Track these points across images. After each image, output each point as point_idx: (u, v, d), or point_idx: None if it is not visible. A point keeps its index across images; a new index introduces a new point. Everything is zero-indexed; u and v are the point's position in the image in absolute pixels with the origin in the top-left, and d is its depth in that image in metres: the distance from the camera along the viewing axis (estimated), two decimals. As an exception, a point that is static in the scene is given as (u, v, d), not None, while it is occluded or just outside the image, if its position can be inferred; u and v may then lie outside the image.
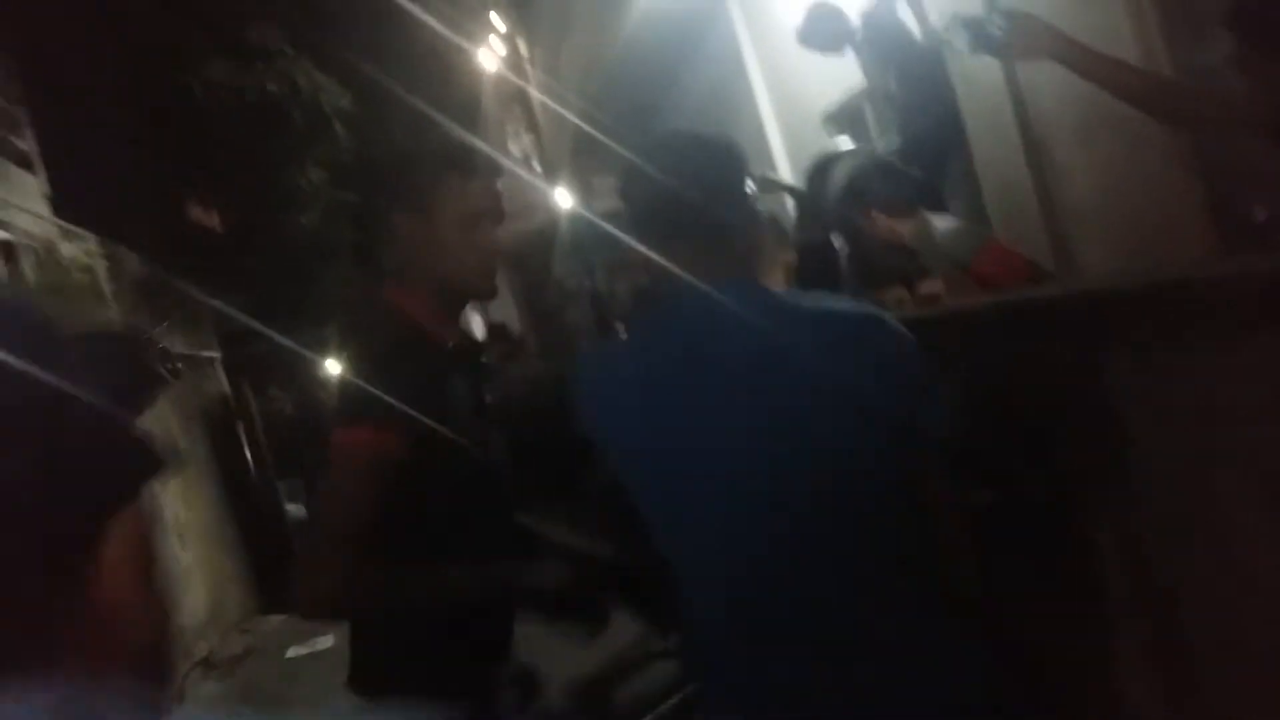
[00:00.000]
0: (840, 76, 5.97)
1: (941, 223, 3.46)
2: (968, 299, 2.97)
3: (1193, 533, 2.15)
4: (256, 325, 9.21)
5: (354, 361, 1.95)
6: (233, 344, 10.07)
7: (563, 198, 11.72)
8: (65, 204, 6.87)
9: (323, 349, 11.16)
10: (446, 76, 11.42)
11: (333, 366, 10.15)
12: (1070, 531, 2.29)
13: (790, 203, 5.51)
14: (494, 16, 10.46)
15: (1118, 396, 2.28)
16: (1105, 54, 2.32)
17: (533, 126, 16.05)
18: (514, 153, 17.21)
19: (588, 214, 11.68)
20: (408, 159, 2.05)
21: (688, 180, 1.61)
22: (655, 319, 1.69)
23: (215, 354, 9.62)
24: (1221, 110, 2.23)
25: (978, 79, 4.71)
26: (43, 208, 6.72)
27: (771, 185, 5.46)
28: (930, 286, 3.24)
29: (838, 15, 4.96)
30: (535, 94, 11.49)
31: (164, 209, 8.26)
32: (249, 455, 11.46)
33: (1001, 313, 2.53)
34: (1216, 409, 2.00)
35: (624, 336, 9.28)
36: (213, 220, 9.45)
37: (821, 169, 3.85)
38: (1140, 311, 2.17)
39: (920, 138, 4.91)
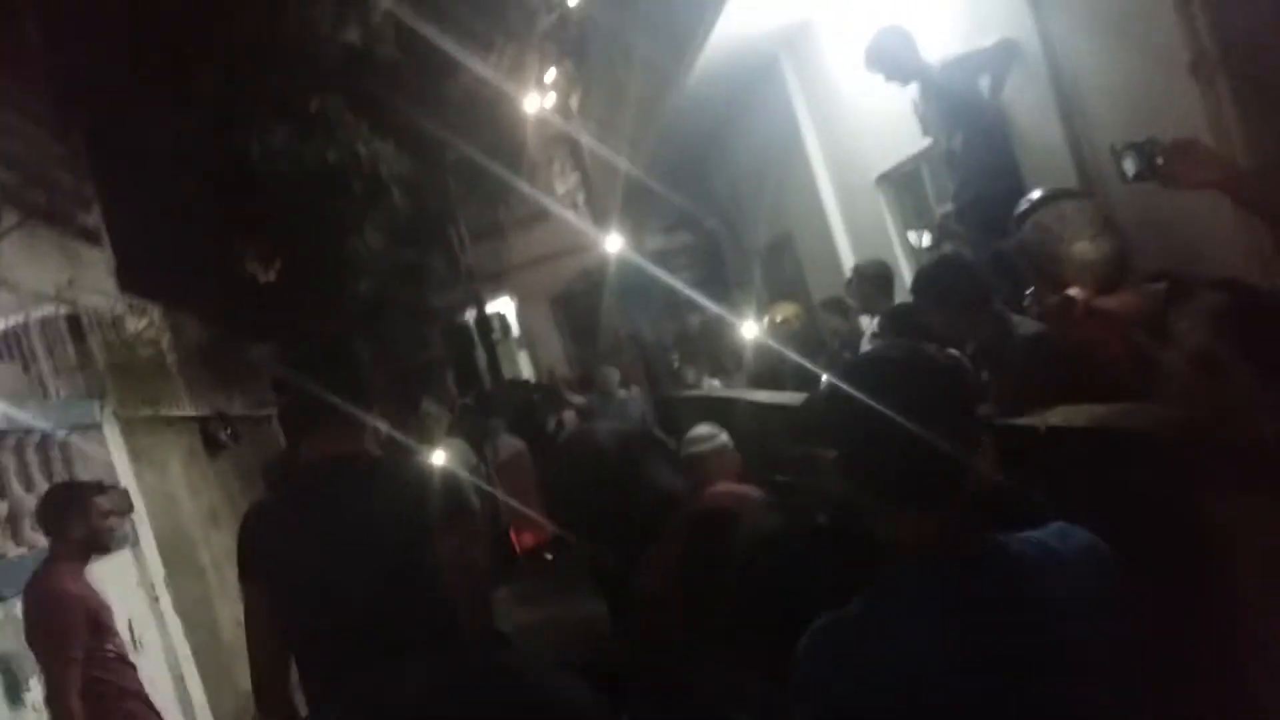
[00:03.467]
0: (893, 142, 5.94)
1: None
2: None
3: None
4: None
5: None
6: (285, 395, 10.13)
7: (613, 243, 11.76)
8: (131, 276, 7.04)
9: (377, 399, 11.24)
10: (498, 125, 11.57)
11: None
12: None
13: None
14: (549, 71, 10.61)
15: (1217, 539, 2.22)
16: (1269, 180, 2.23)
17: (579, 167, 16.21)
18: (559, 191, 17.39)
19: (639, 259, 11.68)
20: None
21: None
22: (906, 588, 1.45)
23: (274, 411, 9.77)
24: None
25: (1042, 149, 4.66)
26: (109, 283, 6.90)
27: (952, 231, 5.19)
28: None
29: (909, 44, 4.80)
30: (585, 141, 11.60)
31: (224, 270, 8.44)
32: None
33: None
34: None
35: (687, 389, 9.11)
36: (271, 277, 9.64)
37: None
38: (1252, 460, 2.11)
39: (978, 202, 4.82)
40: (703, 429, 3.98)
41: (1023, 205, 3.77)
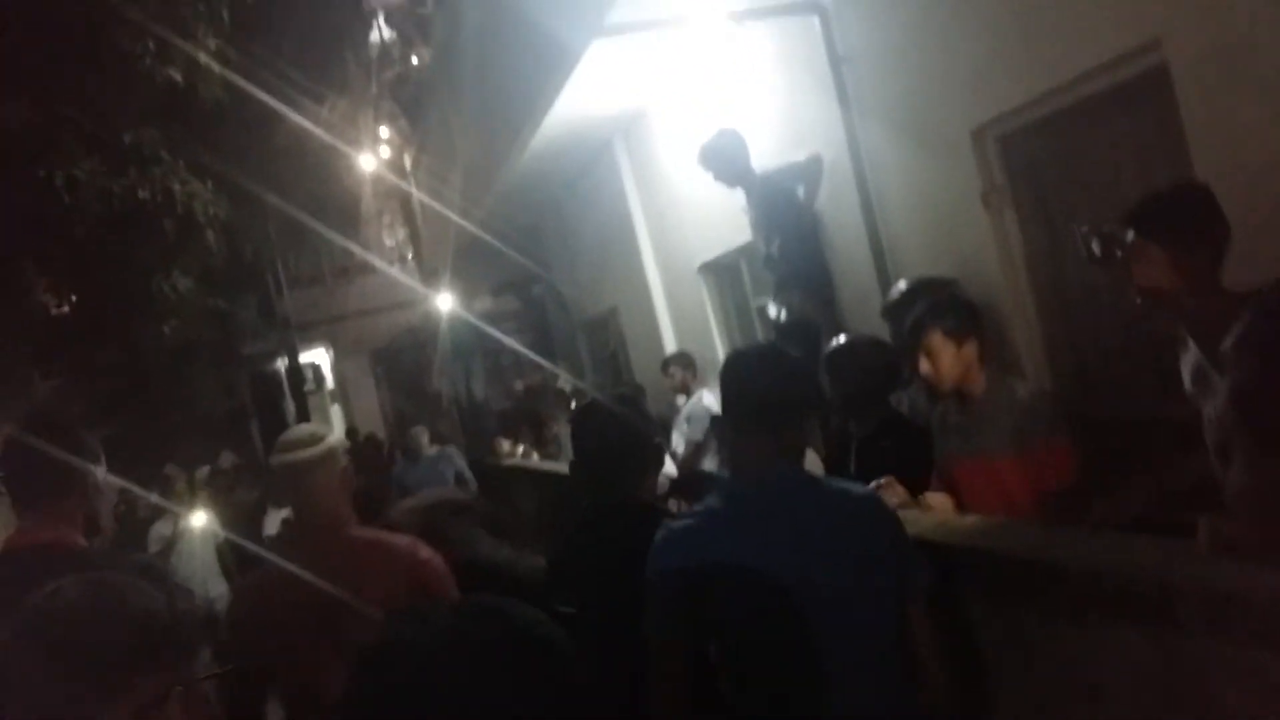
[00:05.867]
0: (716, 234, 6.19)
1: (1025, 386, 3.12)
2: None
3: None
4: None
5: None
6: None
7: (441, 301, 11.67)
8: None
9: (172, 447, 10.65)
10: (327, 176, 11.33)
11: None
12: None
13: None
14: (383, 128, 10.50)
15: (987, 649, 2.38)
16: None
17: (410, 223, 16.02)
18: (388, 245, 17.11)
19: (466, 319, 11.61)
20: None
21: (783, 388, 2.17)
22: (739, 493, 2.15)
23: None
24: None
25: (849, 257, 4.96)
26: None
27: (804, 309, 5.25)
28: (938, 501, 2.93)
29: (742, 149, 5.03)
30: (418, 198, 11.50)
31: (11, 298, 7.83)
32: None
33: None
34: (1073, 683, 2.11)
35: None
36: (64, 310, 9.03)
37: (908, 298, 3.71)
38: (1010, 578, 2.27)
39: (792, 308, 5.07)
40: (302, 429, 2.72)
41: (893, 294, 4.02)
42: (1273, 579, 1.64)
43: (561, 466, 6.78)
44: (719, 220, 5.95)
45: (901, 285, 4.01)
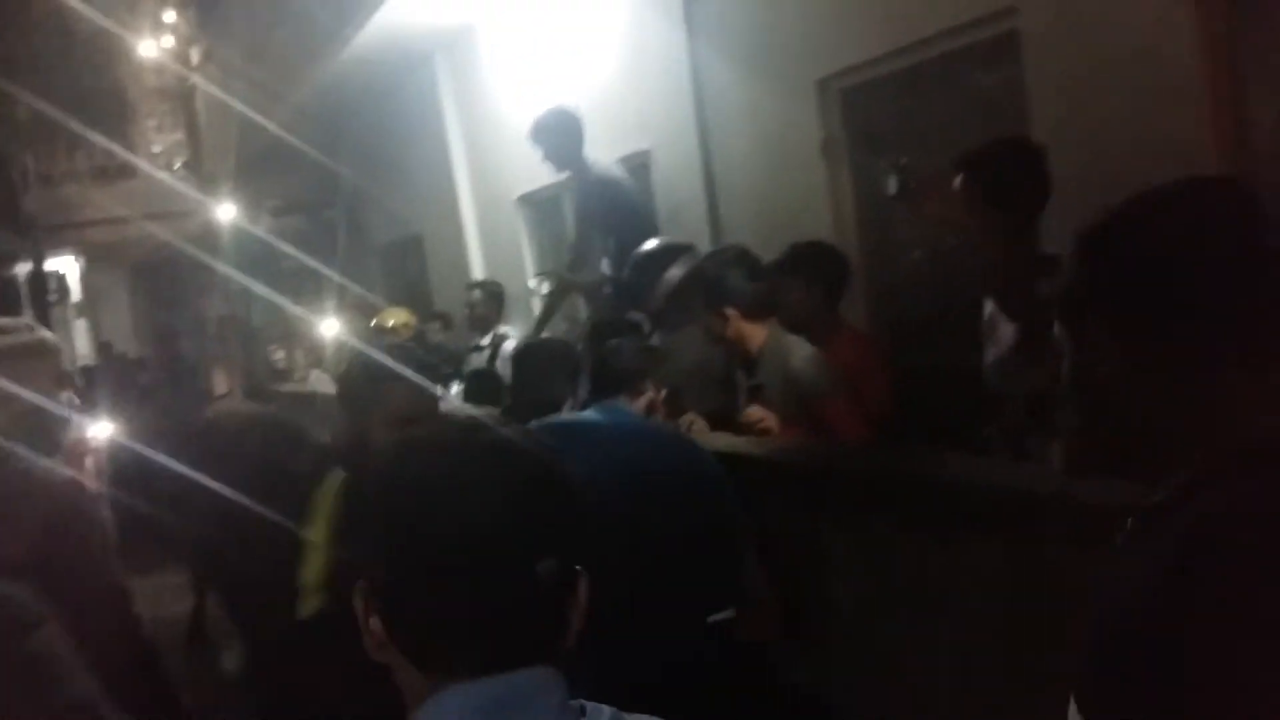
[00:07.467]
0: (539, 164, 6.01)
1: (801, 348, 3.03)
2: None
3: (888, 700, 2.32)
4: None
5: None
6: None
7: (225, 211, 10.82)
8: None
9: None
10: (95, 64, 10.17)
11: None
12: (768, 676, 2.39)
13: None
14: (169, 14, 9.47)
15: (838, 559, 2.45)
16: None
17: (188, 126, 14.67)
18: (156, 149, 15.63)
19: (248, 236, 10.83)
20: None
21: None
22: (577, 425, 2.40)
23: None
24: None
25: (683, 205, 4.95)
26: None
27: (570, 284, 5.08)
28: (759, 414, 3.06)
29: (575, 133, 4.65)
30: (201, 100, 10.52)
31: None
32: None
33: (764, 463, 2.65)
34: (928, 594, 2.20)
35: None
36: None
37: (655, 258, 3.58)
38: (867, 491, 2.35)
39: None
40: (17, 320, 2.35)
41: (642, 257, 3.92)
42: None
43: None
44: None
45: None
